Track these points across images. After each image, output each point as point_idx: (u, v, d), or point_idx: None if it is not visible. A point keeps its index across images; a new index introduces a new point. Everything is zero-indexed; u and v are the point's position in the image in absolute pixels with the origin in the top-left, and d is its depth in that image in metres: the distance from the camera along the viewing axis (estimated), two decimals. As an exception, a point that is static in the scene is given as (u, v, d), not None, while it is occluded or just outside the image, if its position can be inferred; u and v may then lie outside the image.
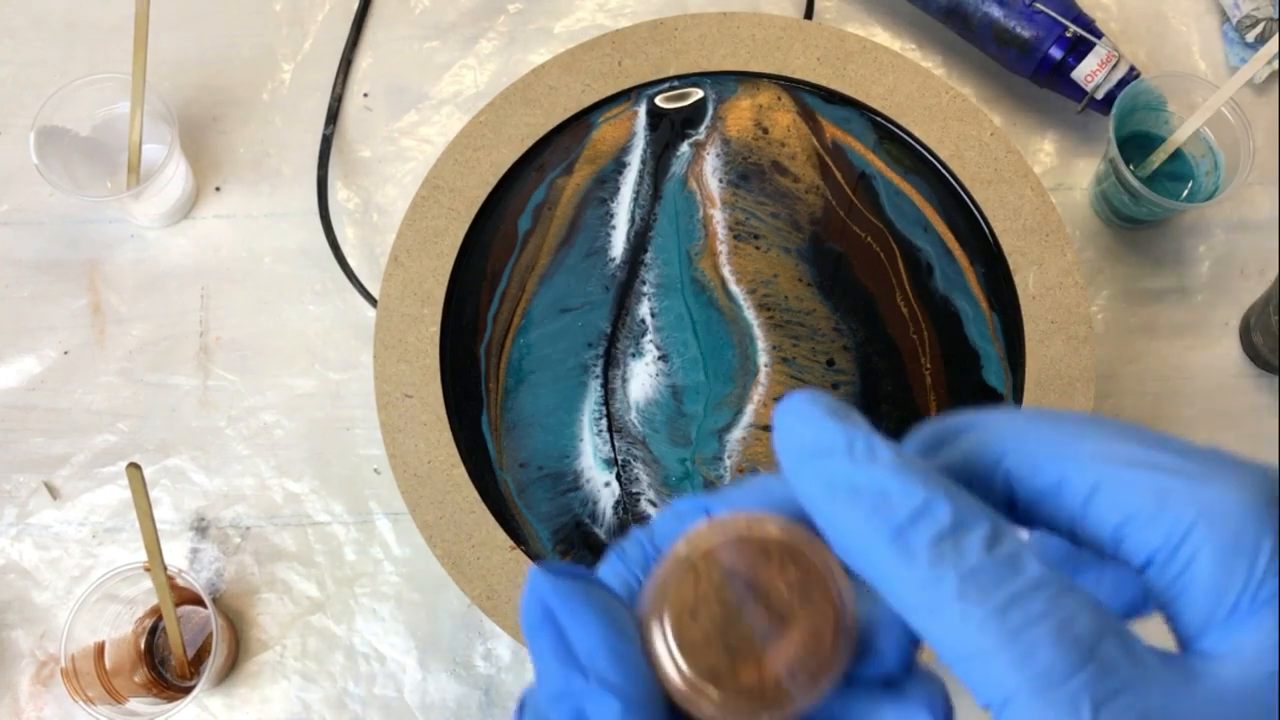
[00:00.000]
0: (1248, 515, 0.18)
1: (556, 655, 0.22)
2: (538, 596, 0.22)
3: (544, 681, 0.22)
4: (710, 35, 0.62)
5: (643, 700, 0.22)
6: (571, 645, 0.22)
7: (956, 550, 0.18)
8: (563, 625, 0.22)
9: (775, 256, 0.60)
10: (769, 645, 0.22)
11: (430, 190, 0.61)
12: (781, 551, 0.22)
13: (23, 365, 0.66)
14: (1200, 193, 0.64)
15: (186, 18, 0.71)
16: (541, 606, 0.22)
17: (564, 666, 0.22)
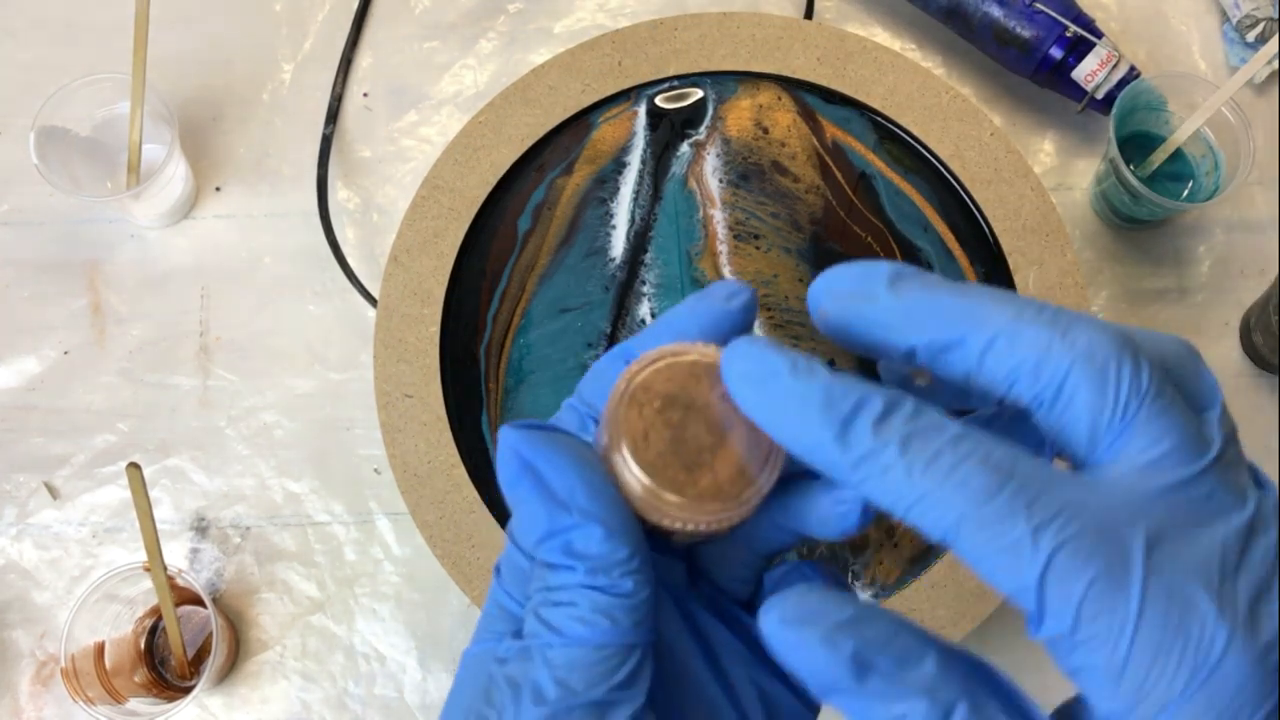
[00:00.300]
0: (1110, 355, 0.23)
1: (540, 499, 0.25)
2: (514, 451, 0.25)
3: (528, 527, 0.25)
4: (710, 35, 0.62)
5: (621, 526, 0.25)
6: (551, 488, 0.25)
7: (892, 425, 0.23)
8: (541, 471, 0.25)
9: (776, 256, 0.60)
10: (716, 452, 0.25)
11: (430, 190, 0.61)
12: (707, 370, 0.25)
13: (23, 365, 0.66)
14: (1200, 193, 0.64)
15: (186, 18, 0.71)
16: (518, 459, 0.25)
17: (549, 507, 0.24)
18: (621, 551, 0.25)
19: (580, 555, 0.25)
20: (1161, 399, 0.23)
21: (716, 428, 0.25)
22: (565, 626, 0.25)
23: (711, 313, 0.27)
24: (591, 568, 0.24)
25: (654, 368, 0.25)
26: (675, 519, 0.25)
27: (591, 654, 0.24)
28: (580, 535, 0.24)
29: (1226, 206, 0.67)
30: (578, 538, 0.25)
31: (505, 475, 0.25)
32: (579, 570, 0.25)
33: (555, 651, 0.25)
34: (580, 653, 0.25)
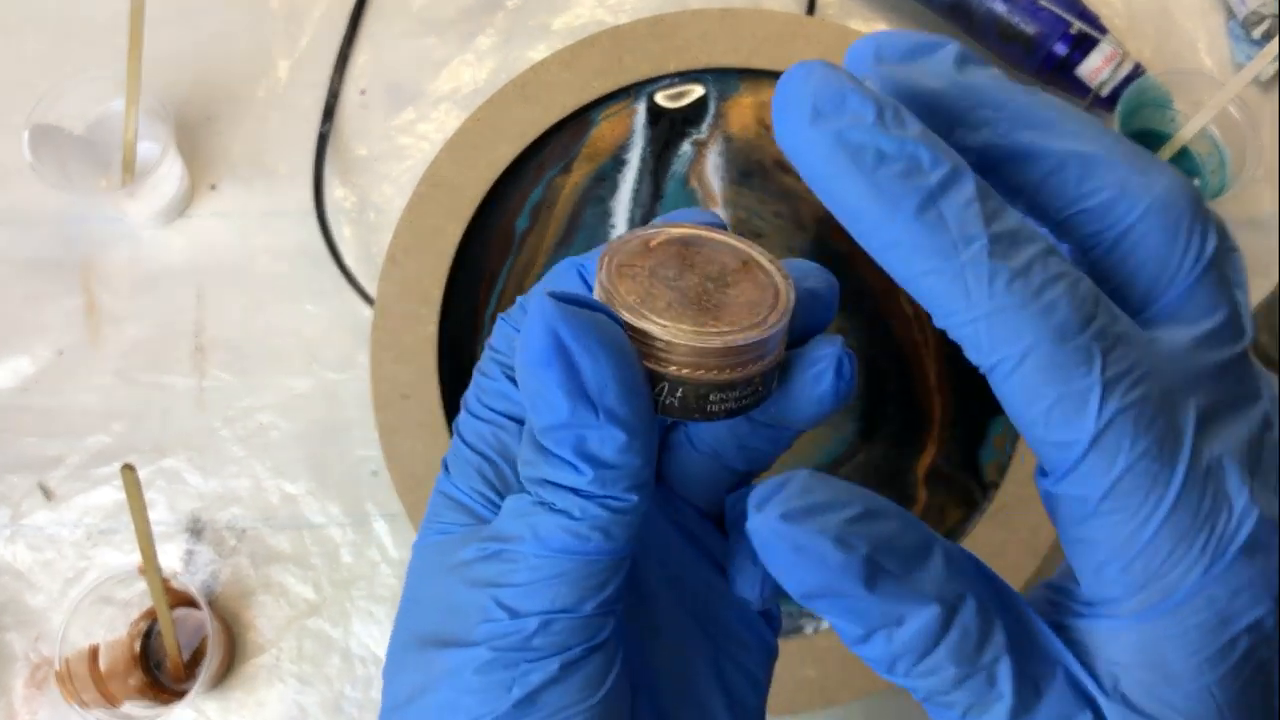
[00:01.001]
0: (1185, 209, 0.21)
1: (565, 388, 0.22)
2: (549, 328, 0.21)
3: (544, 413, 0.22)
4: (711, 31, 0.62)
5: (644, 433, 0.22)
6: (584, 378, 0.22)
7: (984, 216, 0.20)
8: (575, 358, 0.22)
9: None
10: (722, 300, 0.23)
11: (428, 188, 0.60)
12: (691, 237, 0.24)
13: (16, 365, 0.66)
14: (1206, 191, 0.63)
15: (182, 14, 0.70)
16: (553, 338, 0.21)
17: (572, 399, 0.22)
18: (636, 461, 0.23)
19: (592, 459, 0.22)
20: (1219, 269, 0.21)
21: (716, 279, 0.23)
22: (554, 538, 0.23)
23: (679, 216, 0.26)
24: (600, 477, 0.22)
25: (637, 238, 0.24)
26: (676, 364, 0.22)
27: (581, 567, 0.23)
28: (598, 437, 0.22)
29: (1232, 204, 0.66)
30: (594, 439, 0.22)
31: (534, 353, 0.22)
32: (587, 475, 0.23)
33: (541, 560, 0.23)
34: (570, 564, 0.23)
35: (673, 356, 0.22)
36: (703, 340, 0.22)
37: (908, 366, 0.58)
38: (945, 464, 0.57)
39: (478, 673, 0.23)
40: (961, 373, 0.58)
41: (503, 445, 0.25)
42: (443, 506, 0.26)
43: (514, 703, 0.23)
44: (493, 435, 0.25)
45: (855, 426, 0.58)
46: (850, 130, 0.20)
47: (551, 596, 0.23)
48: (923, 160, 0.20)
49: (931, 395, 0.58)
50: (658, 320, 0.22)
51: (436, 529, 0.25)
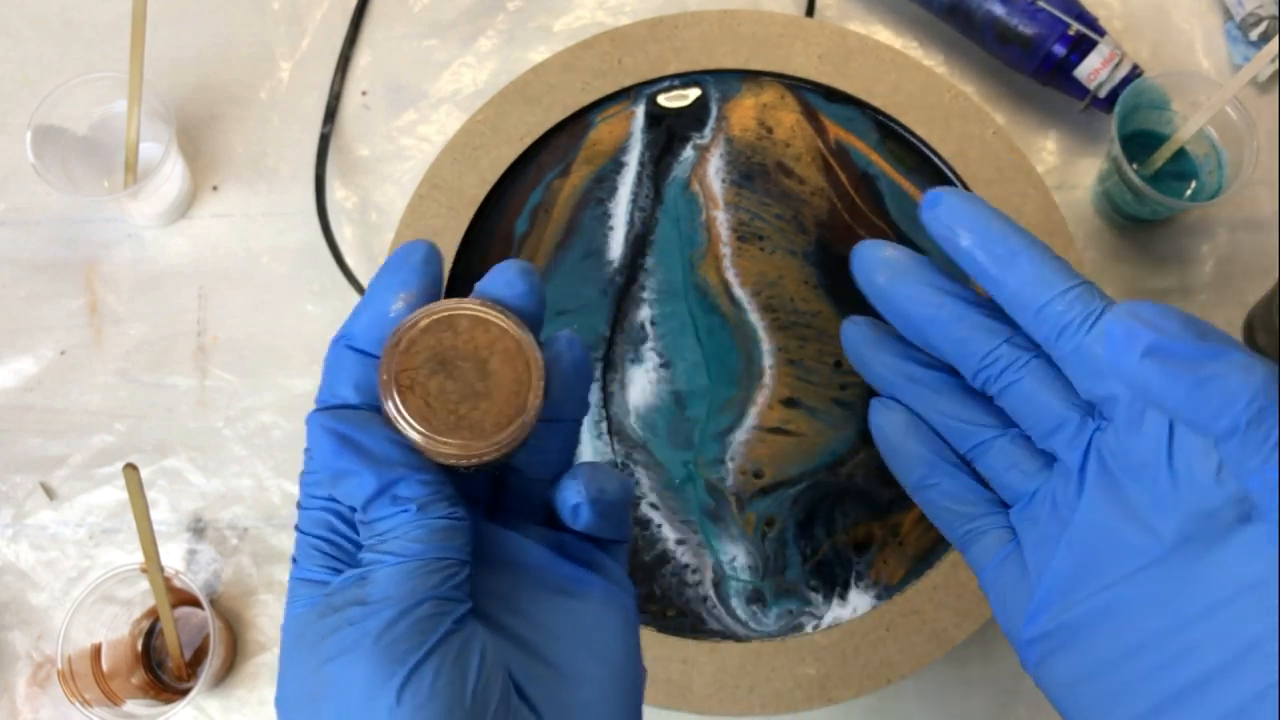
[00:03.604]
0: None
1: (365, 465, 0.28)
2: (330, 430, 0.28)
3: (356, 490, 0.28)
4: (711, 33, 0.62)
5: (436, 472, 0.29)
6: (373, 454, 0.28)
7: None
8: (360, 442, 0.28)
9: (780, 259, 0.60)
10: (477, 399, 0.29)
11: (429, 189, 0.61)
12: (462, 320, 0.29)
13: (19, 365, 0.66)
14: (1204, 192, 0.63)
15: (184, 15, 0.70)
16: (336, 436, 0.28)
17: (375, 469, 0.28)
18: (444, 489, 0.29)
19: (409, 499, 0.28)
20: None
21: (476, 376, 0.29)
22: (402, 549, 0.28)
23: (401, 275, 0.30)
24: (421, 505, 0.28)
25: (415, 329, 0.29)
26: (449, 458, 0.29)
27: (429, 565, 0.28)
28: (405, 485, 0.28)
29: (1230, 206, 0.66)
30: (402, 488, 0.28)
31: (326, 451, 0.28)
32: (411, 510, 0.28)
33: (396, 568, 0.28)
34: (419, 564, 0.28)
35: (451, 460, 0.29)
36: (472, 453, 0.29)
37: (907, 366, 0.59)
38: (944, 463, 0.58)
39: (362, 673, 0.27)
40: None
41: (334, 522, 0.30)
42: (297, 590, 0.30)
43: (399, 685, 0.27)
44: (324, 517, 0.30)
45: (857, 426, 0.58)
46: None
47: (411, 587, 0.28)
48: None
49: (930, 395, 0.58)
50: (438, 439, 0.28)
51: (297, 606, 0.30)
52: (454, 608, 0.28)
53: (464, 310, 0.29)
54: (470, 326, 0.29)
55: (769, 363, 0.59)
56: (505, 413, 0.29)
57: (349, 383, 0.30)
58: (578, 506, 0.32)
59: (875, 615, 0.55)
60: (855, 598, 0.56)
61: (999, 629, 0.60)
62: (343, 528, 0.30)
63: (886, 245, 0.34)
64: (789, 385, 0.58)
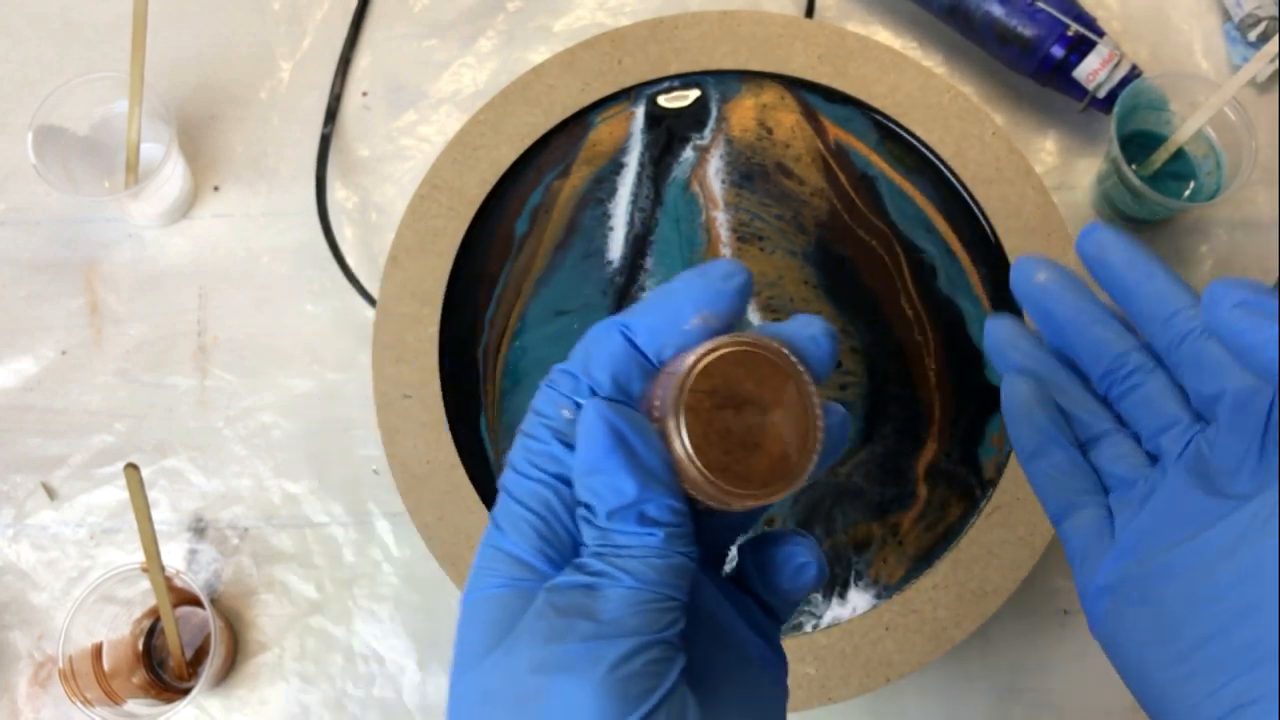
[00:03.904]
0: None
1: (630, 469, 0.26)
2: (608, 423, 0.26)
3: (611, 495, 0.27)
4: (711, 33, 0.62)
5: (686, 503, 0.27)
6: (642, 460, 0.26)
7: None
8: (633, 445, 0.26)
9: (780, 259, 0.60)
10: (757, 446, 0.27)
11: (429, 189, 0.61)
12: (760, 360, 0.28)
13: (20, 365, 0.66)
14: (1202, 192, 0.64)
15: (184, 16, 0.70)
16: (613, 431, 0.26)
17: (640, 477, 0.26)
18: (689, 525, 0.27)
19: (656, 523, 0.27)
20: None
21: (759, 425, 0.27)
22: (641, 574, 0.27)
23: (710, 293, 0.28)
24: (669, 535, 0.27)
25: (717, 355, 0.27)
26: (711, 498, 0.27)
27: (662, 601, 0.27)
28: (657, 506, 0.27)
29: (1229, 206, 0.66)
30: (654, 509, 0.27)
31: (598, 445, 0.26)
32: (658, 535, 0.27)
33: (631, 593, 0.26)
34: (654, 597, 0.27)
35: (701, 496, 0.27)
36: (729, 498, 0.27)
37: (908, 366, 0.59)
38: (945, 461, 0.58)
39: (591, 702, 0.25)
40: (961, 372, 0.59)
41: (554, 504, 0.28)
42: (497, 561, 0.28)
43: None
44: (544, 494, 0.28)
45: (857, 425, 0.58)
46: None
47: (644, 621, 0.26)
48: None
49: (932, 394, 0.59)
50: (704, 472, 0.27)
51: (496, 582, 0.28)
52: (679, 657, 0.27)
53: (765, 353, 0.28)
54: (768, 372, 0.28)
55: (769, 363, 0.59)
56: (775, 471, 0.27)
57: (607, 369, 0.28)
58: (805, 566, 0.31)
59: (875, 614, 0.55)
60: (855, 597, 0.56)
61: (998, 629, 0.61)
62: (563, 513, 0.28)
63: (1044, 259, 0.37)
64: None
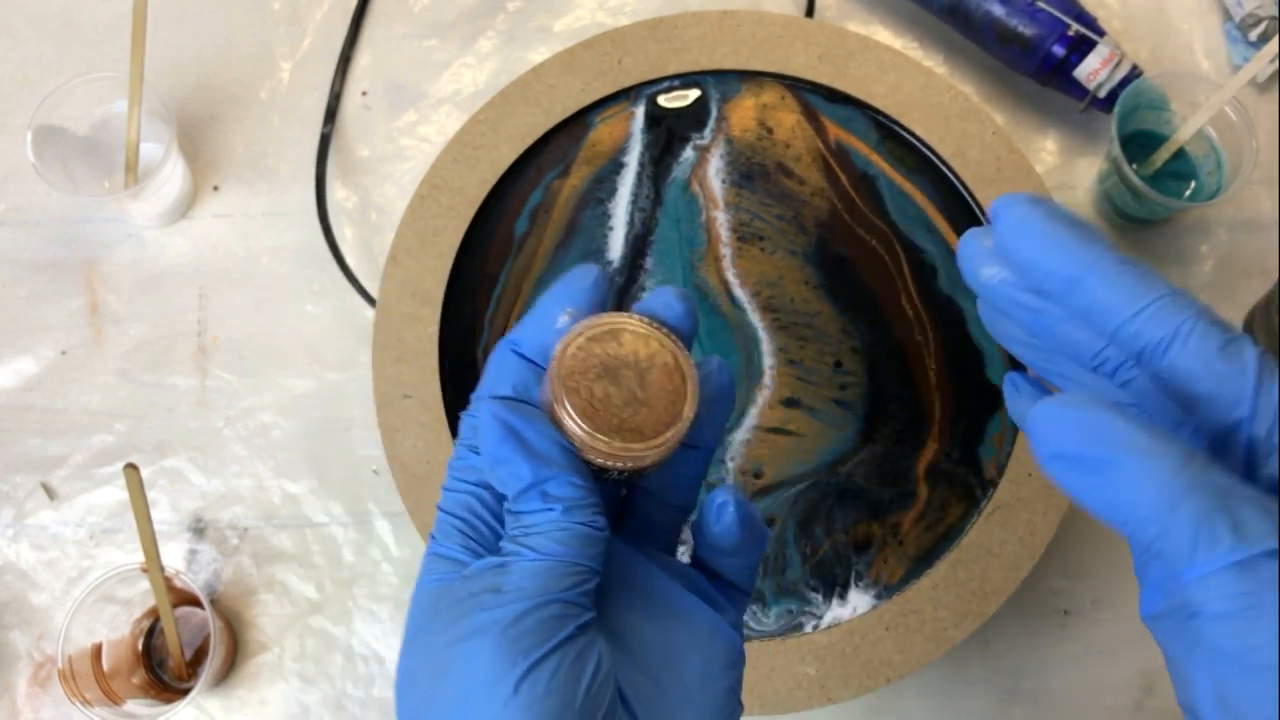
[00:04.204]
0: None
1: (524, 457, 0.30)
2: (500, 419, 0.30)
3: (511, 480, 0.30)
4: (711, 33, 0.62)
5: (587, 478, 0.30)
6: (534, 448, 0.30)
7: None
8: (524, 435, 0.30)
9: (780, 259, 0.60)
10: (638, 405, 0.30)
11: (429, 189, 0.61)
12: (626, 332, 0.31)
13: (20, 365, 0.66)
14: (1203, 192, 0.63)
15: (184, 16, 0.70)
16: (504, 425, 0.30)
17: (533, 463, 0.30)
18: (591, 496, 0.30)
19: (556, 499, 0.30)
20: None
21: (636, 384, 0.31)
22: (543, 546, 0.30)
23: (570, 293, 0.32)
24: (567, 507, 0.30)
25: (580, 337, 0.31)
26: (607, 456, 0.30)
27: (564, 567, 0.29)
28: (556, 484, 0.30)
29: (1229, 206, 0.66)
30: (553, 486, 0.30)
31: (493, 438, 0.30)
32: (557, 510, 0.30)
33: (533, 564, 0.29)
34: (556, 564, 0.29)
35: (606, 460, 0.30)
36: (630, 453, 0.30)
37: (908, 366, 0.59)
38: (946, 461, 0.58)
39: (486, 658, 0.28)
40: (961, 372, 0.59)
41: (475, 506, 0.32)
42: (432, 564, 0.32)
43: (519, 676, 0.28)
44: (467, 500, 0.32)
45: (857, 425, 0.58)
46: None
47: (543, 585, 0.29)
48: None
49: (932, 394, 0.58)
50: (600, 436, 0.30)
51: (430, 579, 0.31)
52: (580, 613, 0.29)
53: (628, 325, 0.31)
54: (632, 340, 0.31)
55: (769, 363, 0.59)
56: (662, 419, 0.30)
57: (509, 383, 0.32)
58: (723, 505, 0.33)
59: (875, 615, 0.55)
60: (855, 597, 0.56)
61: (998, 629, 0.61)
62: (483, 513, 0.32)
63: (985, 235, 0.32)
64: (789, 385, 0.59)
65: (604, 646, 0.30)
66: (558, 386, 0.30)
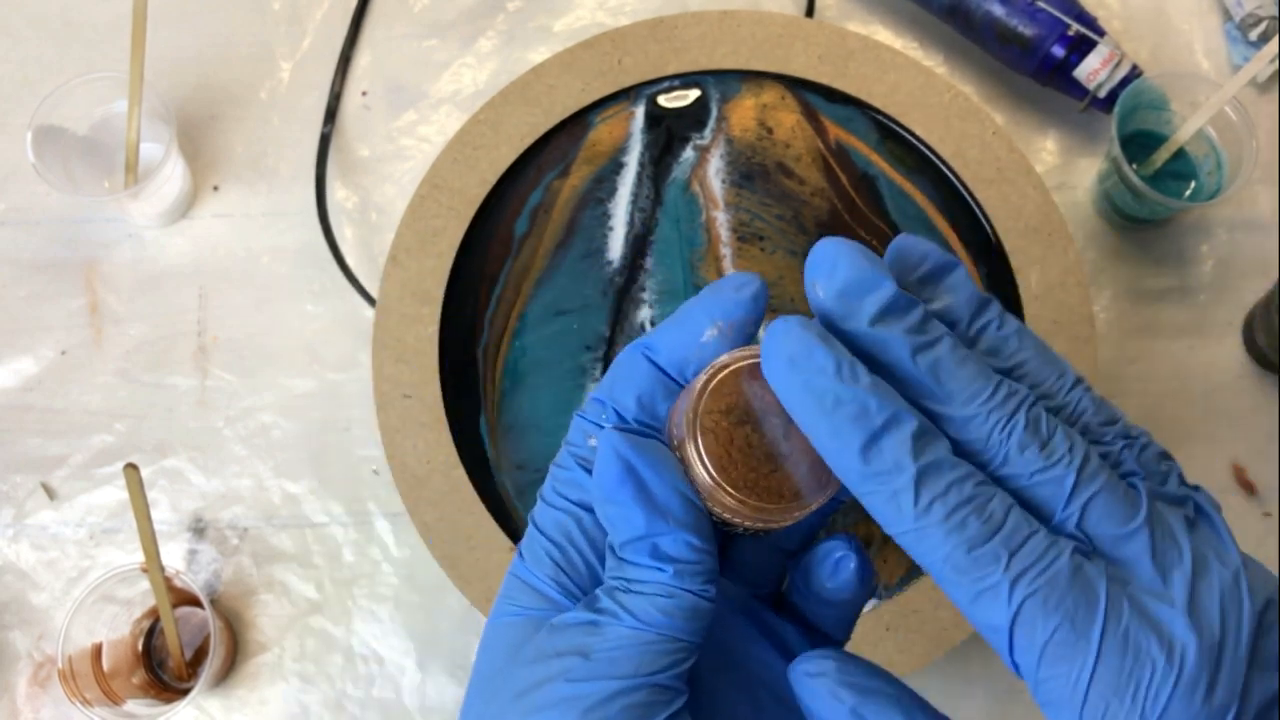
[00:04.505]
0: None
1: (640, 504, 0.26)
2: (618, 455, 0.26)
3: (622, 526, 0.27)
4: (711, 33, 0.62)
5: (708, 538, 0.27)
6: (652, 495, 0.26)
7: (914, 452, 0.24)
8: (644, 478, 0.26)
9: (780, 259, 0.60)
10: (780, 460, 0.27)
11: (429, 189, 0.61)
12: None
13: (20, 365, 0.66)
14: (1203, 192, 0.63)
15: (184, 16, 0.70)
16: (622, 463, 0.26)
17: (648, 512, 0.26)
18: (708, 560, 0.27)
19: (669, 559, 0.26)
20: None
21: (783, 435, 0.27)
22: (644, 613, 0.26)
23: (723, 303, 0.28)
24: (679, 571, 0.26)
25: (728, 370, 0.27)
26: (728, 511, 0.27)
27: (664, 642, 0.26)
28: (671, 541, 0.26)
29: (1229, 206, 0.66)
30: (668, 543, 0.26)
31: (609, 476, 0.26)
32: (668, 572, 0.26)
33: (631, 633, 0.26)
34: (655, 638, 0.26)
35: (733, 517, 0.27)
36: (764, 516, 0.27)
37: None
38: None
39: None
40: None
41: (574, 533, 0.28)
42: (516, 589, 0.29)
43: None
44: (566, 523, 0.28)
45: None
46: (815, 378, 0.25)
47: (636, 663, 0.26)
48: (870, 406, 0.25)
49: (930, 395, 0.58)
50: (731, 493, 0.26)
51: (512, 610, 0.28)
52: (671, 699, 0.26)
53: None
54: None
55: (769, 363, 0.59)
56: (808, 483, 0.27)
57: (633, 391, 0.28)
58: (842, 559, 0.29)
59: (875, 615, 0.55)
60: (855, 597, 0.56)
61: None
62: (582, 542, 0.28)
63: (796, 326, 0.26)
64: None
65: None
66: (693, 422, 0.26)
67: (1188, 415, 0.64)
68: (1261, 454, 0.63)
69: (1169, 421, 0.64)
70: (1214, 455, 0.63)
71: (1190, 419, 0.64)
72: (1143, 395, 0.64)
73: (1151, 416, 0.64)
